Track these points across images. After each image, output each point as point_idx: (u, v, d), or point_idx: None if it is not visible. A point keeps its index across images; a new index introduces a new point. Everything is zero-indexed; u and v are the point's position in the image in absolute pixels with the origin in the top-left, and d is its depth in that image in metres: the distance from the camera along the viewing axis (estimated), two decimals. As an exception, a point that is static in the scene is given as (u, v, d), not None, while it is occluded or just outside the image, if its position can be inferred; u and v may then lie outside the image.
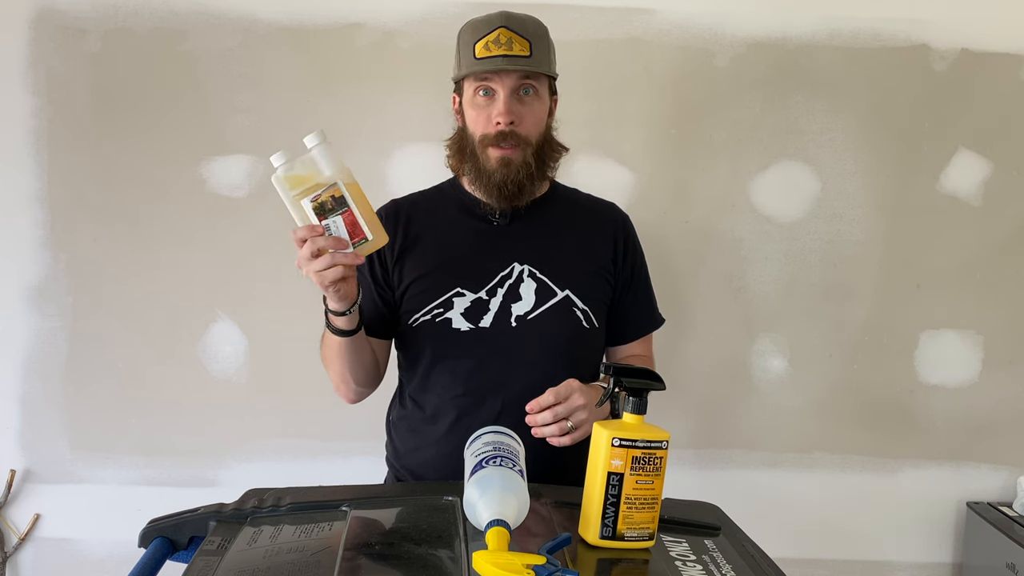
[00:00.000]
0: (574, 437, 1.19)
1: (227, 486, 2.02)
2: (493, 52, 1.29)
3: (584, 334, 1.36)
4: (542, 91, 1.35)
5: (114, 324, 2.00)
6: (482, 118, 1.32)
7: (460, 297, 1.33)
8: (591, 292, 1.37)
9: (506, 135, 1.30)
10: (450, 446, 1.29)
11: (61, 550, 2.06)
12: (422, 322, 1.33)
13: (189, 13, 1.94)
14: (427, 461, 1.36)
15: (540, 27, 1.35)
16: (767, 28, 1.98)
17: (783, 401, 2.06)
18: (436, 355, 1.34)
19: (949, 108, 2.00)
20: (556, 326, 1.33)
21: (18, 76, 1.94)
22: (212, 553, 0.93)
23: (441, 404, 1.34)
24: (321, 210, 1.15)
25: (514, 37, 1.30)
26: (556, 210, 1.42)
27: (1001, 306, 2.05)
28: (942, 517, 2.09)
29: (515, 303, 1.33)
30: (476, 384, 1.31)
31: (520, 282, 1.34)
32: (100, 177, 1.97)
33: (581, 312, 1.35)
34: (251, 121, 1.96)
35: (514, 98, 1.30)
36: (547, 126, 1.37)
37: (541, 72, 1.32)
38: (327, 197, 1.15)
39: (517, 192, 1.33)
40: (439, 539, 0.95)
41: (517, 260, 1.35)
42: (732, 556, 0.98)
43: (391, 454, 1.44)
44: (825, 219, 2.02)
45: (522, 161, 1.31)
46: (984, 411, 2.06)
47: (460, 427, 1.30)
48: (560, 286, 1.35)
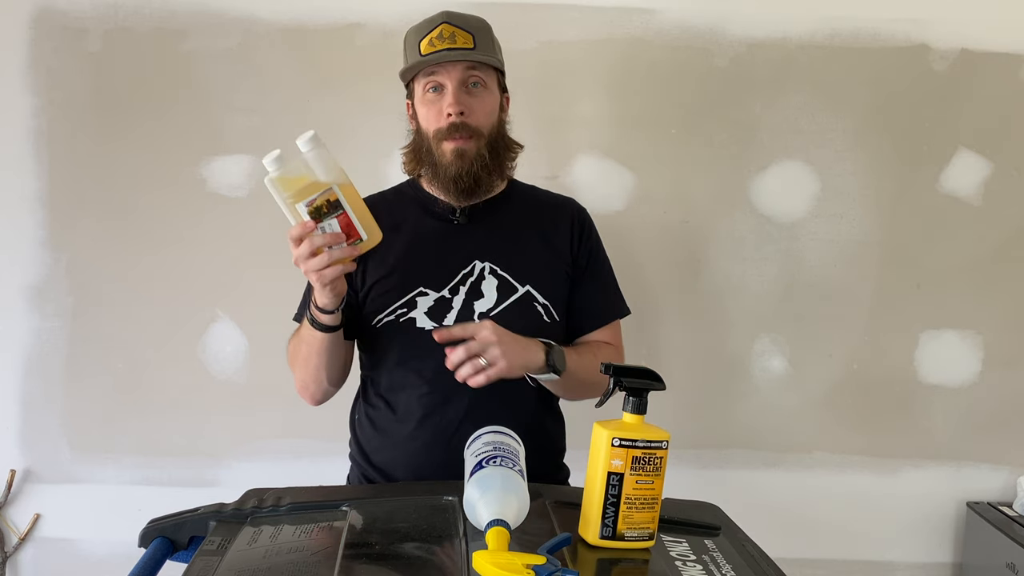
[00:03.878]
0: (488, 375, 1.22)
1: (227, 486, 2.02)
2: (437, 47, 1.32)
3: (546, 328, 1.37)
4: (490, 84, 1.37)
5: (114, 324, 2.00)
6: (433, 113, 1.34)
7: (423, 296, 1.34)
8: (551, 286, 1.38)
9: (458, 126, 1.32)
10: (418, 443, 1.32)
11: (61, 550, 2.06)
12: (386, 322, 1.34)
13: (189, 13, 1.94)
14: (395, 459, 1.36)
15: (483, 22, 1.38)
16: (767, 28, 1.97)
17: (783, 401, 2.06)
18: (401, 355, 1.35)
19: (949, 108, 2.00)
20: (519, 322, 1.32)
21: (18, 76, 1.94)
22: (212, 553, 0.93)
23: (408, 403, 1.35)
24: (317, 214, 1.15)
25: (457, 31, 1.33)
26: (514, 207, 1.44)
27: (1001, 306, 2.04)
28: (942, 517, 2.09)
29: (477, 300, 1.34)
30: (442, 383, 1.31)
31: (481, 279, 1.35)
32: (100, 177, 1.97)
33: (542, 307, 1.37)
34: (251, 121, 1.96)
35: (462, 90, 1.33)
36: (499, 120, 1.39)
37: (485, 62, 1.34)
38: (322, 201, 1.15)
39: (473, 184, 1.34)
40: (439, 539, 0.95)
41: (478, 258, 1.36)
42: (732, 556, 0.98)
43: (356, 452, 1.44)
44: (825, 219, 2.02)
45: (476, 152, 1.33)
46: (984, 411, 2.06)
47: (428, 425, 1.32)
48: (520, 282, 1.36)
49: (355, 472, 1.45)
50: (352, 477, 1.45)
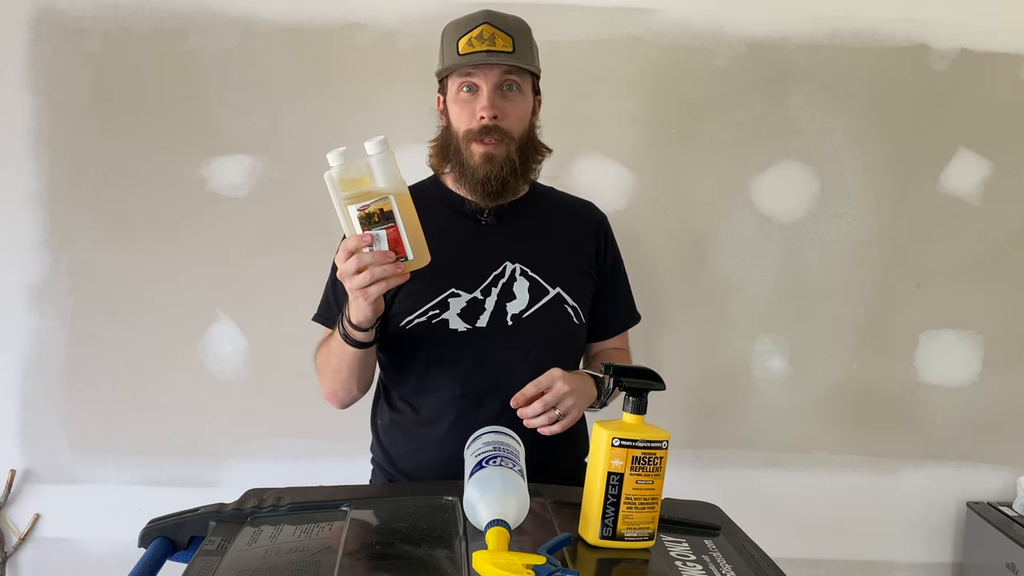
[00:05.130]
0: (563, 424, 1.21)
1: (227, 486, 2.02)
2: (476, 48, 1.29)
3: (575, 330, 1.37)
4: (525, 88, 1.35)
5: (114, 324, 2.00)
6: (465, 114, 1.32)
7: (455, 298, 1.32)
8: (578, 289, 1.38)
9: (490, 129, 1.30)
10: (450, 448, 1.28)
11: (61, 550, 2.06)
12: (417, 324, 1.32)
13: (189, 13, 1.94)
14: (425, 464, 1.34)
15: (523, 24, 1.36)
16: (767, 28, 1.98)
17: (783, 401, 2.06)
18: (432, 357, 1.33)
19: (949, 108, 2.00)
20: (551, 323, 1.33)
21: (18, 76, 1.94)
22: (212, 553, 0.93)
23: (439, 406, 1.33)
24: (367, 220, 1.10)
25: (497, 33, 1.30)
26: (539, 209, 1.43)
27: (1001, 306, 2.05)
28: (942, 517, 2.09)
29: (510, 302, 1.33)
30: (475, 385, 1.31)
31: (513, 281, 1.34)
32: (100, 177, 1.97)
33: (571, 308, 1.36)
34: (251, 121, 1.96)
35: (497, 93, 1.31)
36: (530, 124, 1.38)
37: (524, 67, 1.32)
38: (375, 209, 1.10)
39: (501, 188, 1.33)
40: (439, 539, 0.95)
41: (508, 259, 1.35)
42: (732, 556, 0.98)
43: (382, 459, 1.41)
44: (825, 219, 2.02)
45: (505, 157, 1.31)
46: (984, 411, 2.06)
47: (459, 428, 1.29)
48: (551, 283, 1.35)
49: (378, 477, 1.43)
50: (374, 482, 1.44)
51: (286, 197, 1.96)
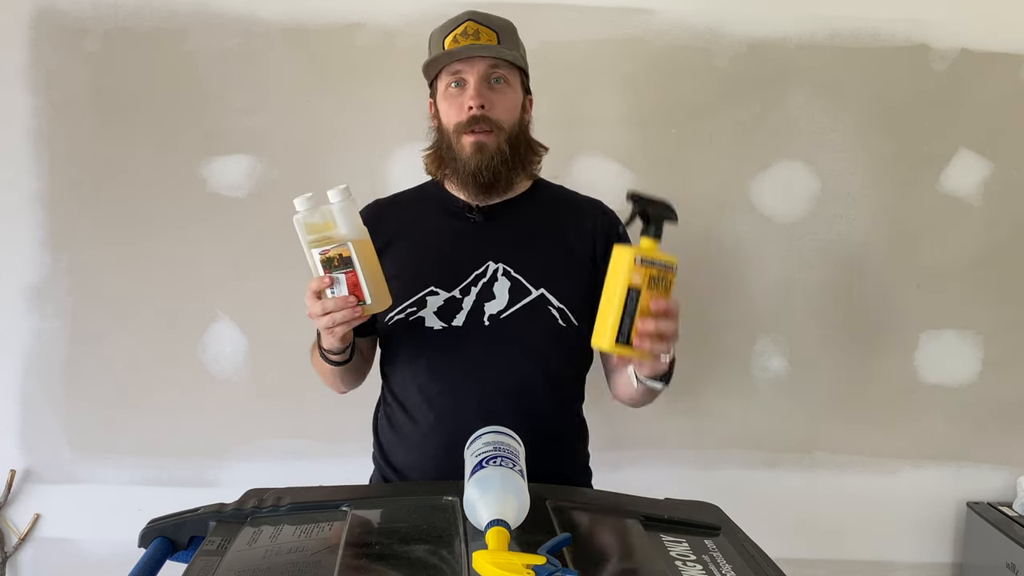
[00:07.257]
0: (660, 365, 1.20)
1: (227, 486, 2.02)
2: (461, 43, 1.32)
3: (560, 332, 1.33)
4: (513, 82, 1.37)
5: (114, 324, 2.00)
6: (454, 107, 1.34)
7: (433, 296, 1.33)
8: (569, 290, 1.35)
9: (478, 119, 1.31)
10: (431, 447, 1.31)
11: (61, 550, 2.06)
12: (396, 321, 1.34)
13: (189, 13, 1.94)
14: (409, 462, 1.36)
15: (508, 23, 1.38)
16: (767, 28, 1.98)
17: (783, 401, 2.06)
18: (412, 354, 1.35)
19: (949, 108, 2.00)
20: (529, 325, 1.32)
21: (18, 76, 1.94)
22: (212, 553, 0.93)
23: (420, 403, 1.34)
24: (328, 264, 1.16)
25: (481, 29, 1.34)
26: (536, 207, 1.42)
27: (1001, 306, 2.04)
28: (942, 517, 2.09)
29: (488, 302, 1.33)
30: (452, 383, 1.31)
31: (494, 281, 1.34)
32: (100, 177, 1.97)
33: (556, 310, 1.33)
34: (251, 121, 1.96)
35: (484, 85, 1.32)
36: (521, 119, 1.38)
37: (508, 60, 1.34)
38: (335, 254, 1.16)
39: (492, 180, 1.34)
40: (439, 539, 0.95)
41: (492, 258, 1.35)
42: (732, 556, 0.97)
43: (377, 454, 1.44)
44: (825, 219, 2.02)
45: (496, 147, 1.32)
46: (984, 411, 2.06)
47: (440, 427, 1.31)
48: (535, 284, 1.34)
49: (377, 474, 1.44)
50: (374, 479, 1.45)
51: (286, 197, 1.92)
